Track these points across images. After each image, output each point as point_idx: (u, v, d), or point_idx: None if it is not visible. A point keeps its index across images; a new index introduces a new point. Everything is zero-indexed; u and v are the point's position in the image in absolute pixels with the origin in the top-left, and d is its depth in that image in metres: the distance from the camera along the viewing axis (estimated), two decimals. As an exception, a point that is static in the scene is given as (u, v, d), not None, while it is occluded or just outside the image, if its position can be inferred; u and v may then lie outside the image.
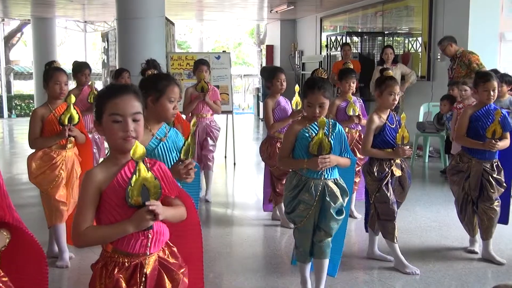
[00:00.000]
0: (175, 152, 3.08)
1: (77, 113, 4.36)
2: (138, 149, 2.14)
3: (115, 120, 2.20)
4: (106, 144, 6.78)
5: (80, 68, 6.31)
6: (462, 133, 4.57)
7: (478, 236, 4.73)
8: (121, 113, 2.20)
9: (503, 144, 4.46)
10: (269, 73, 5.62)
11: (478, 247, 4.74)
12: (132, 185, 2.15)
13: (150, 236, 2.25)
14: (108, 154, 2.34)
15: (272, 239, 5.36)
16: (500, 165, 4.55)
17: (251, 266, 4.57)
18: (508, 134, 4.52)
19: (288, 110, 5.46)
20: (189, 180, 2.91)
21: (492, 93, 4.44)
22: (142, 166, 2.17)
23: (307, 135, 3.56)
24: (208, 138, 6.49)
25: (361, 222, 5.61)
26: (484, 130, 4.44)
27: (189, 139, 2.80)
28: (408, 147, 4.21)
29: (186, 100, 6.50)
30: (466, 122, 4.54)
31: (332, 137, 3.57)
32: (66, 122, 4.28)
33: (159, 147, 3.02)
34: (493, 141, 4.38)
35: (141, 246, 2.24)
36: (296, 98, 5.17)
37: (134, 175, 2.16)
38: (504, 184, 4.55)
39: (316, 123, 3.58)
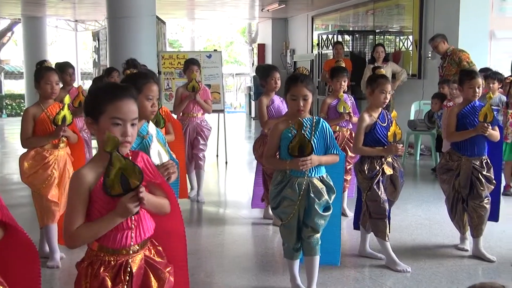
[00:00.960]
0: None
1: (71, 113, 4.36)
2: (110, 141, 2.11)
3: (115, 123, 2.19)
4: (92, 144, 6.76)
5: (63, 68, 6.25)
6: (451, 131, 4.59)
7: (468, 234, 4.75)
8: (122, 118, 2.19)
9: (494, 132, 4.48)
10: (264, 72, 5.59)
11: (468, 244, 4.77)
12: (110, 176, 2.13)
13: (133, 226, 2.25)
14: (96, 153, 2.33)
15: (263, 238, 5.36)
16: (489, 162, 4.58)
17: (243, 265, 4.58)
18: (497, 128, 4.55)
19: (282, 109, 5.45)
20: (170, 180, 2.92)
21: (477, 90, 4.47)
22: (116, 156, 2.13)
23: (290, 135, 3.56)
24: (199, 138, 6.47)
25: (352, 220, 5.63)
26: (472, 126, 4.46)
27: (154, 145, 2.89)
28: (401, 145, 4.22)
29: (177, 99, 6.49)
30: (454, 121, 4.55)
31: (316, 135, 3.57)
32: (60, 123, 4.27)
33: (141, 145, 3.02)
34: (485, 124, 4.40)
35: (126, 239, 2.24)
36: None
37: (110, 166, 2.13)
38: (494, 181, 4.58)
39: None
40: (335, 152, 3.67)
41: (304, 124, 3.58)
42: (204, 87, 6.65)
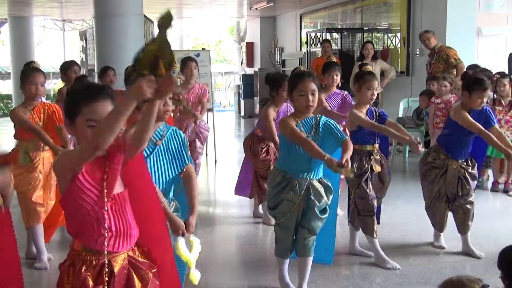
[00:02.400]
0: (171, 156, 3.03)
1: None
2: (165, 15, 2.06)
3: (90, 125, 2.17)
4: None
5: (69, 66, 6.30)
6: (478, 126, 4.37)
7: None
8: (98, 119, 2.17)
9: None
10: (274, 82, 5.21)
11: (443, 241, 4.79)
12: (145, 51, 2.01)
13: (120, 232, 2.23)
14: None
15: (253, 237, 5.36)
16: (473, 159, 4.62)
17: (233, 264, 4.58)
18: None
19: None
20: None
21: (484, 100, 4.43)
22: (162, 35, 2.03)
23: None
24: (197, 140, 6.40)
25: (343, 218, 5.63)
26: (472, 134, 4.43)
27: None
28: (421, 145, 4.08)
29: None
30: (468, 116, 4.39)
31: (319, 134, 3.53)
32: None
33: (154, 153, 2.95)
34: None
35: (108, 245, 2.21)
36: None
37: (154, 41, 2.03)
38: (477, 178, 4.66)
39: (306, 119, 3.53)
40: (343, 137, 3.57)
41: (309, 123, 3.55)
42: (203, 86, 6.55)
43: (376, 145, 4.35)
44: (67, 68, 6.23)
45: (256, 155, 5.41)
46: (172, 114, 6.09)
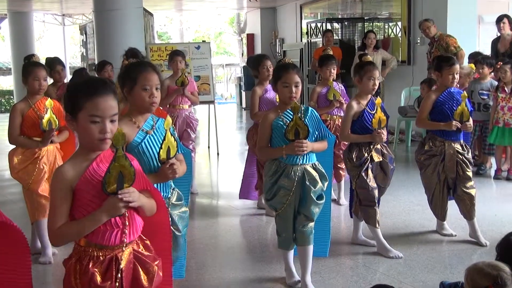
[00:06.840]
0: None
1: (56, 118, 4.33)
2: (119, 135, 2.13)
3: (94, 121, 2.17)
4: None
5: (52, 65, 6.20)
6: (423, 117, 4.60)
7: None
8: (101, 115, 2.17)
9: (468, 125, 4.53)
10: (254, 62, 5.55)
11: (450, 229, 4.81)
12: (110, 172, 2.13)
13: (126, 230, 2.24)
14: (77, 150, 2.31)
15: (257, 228, 5.36)
16: (467, 145, 4.64)
17: (237, 256, 4.58)
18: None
19: (274, 98, 5.41)
20: (177, 176, 2.91)
21: (456, 76, 4.49)
22: (121, 153, 2.15)
23: (281, 123, 3.57)
24: (188, 130, 6.43)
25: (346, 209, 5.64)
26: (451, 112, 4.48)
27: (165, 139, 2.81)
28: (383, 131, 4.23)
29: (163, 92, 6.41)
30: (429, 106, 4.56)
31: (305, 122, 3.56)
32: (47, 128, 4.25)
33: (145, 141, 2.89)
34: (460, 124, 4.45)
35: (116, 238, 2.23)
36: None
37: (113, 162, 2.15)
38: (472, 163, 4.68)
39: (289, 110, 3.59)
40: (327, 136, 3.70)
41: (292, 112, 3.59)
42: (191, 79, 6.61)
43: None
44: (50, 67, 6.08)
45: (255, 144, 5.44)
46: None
